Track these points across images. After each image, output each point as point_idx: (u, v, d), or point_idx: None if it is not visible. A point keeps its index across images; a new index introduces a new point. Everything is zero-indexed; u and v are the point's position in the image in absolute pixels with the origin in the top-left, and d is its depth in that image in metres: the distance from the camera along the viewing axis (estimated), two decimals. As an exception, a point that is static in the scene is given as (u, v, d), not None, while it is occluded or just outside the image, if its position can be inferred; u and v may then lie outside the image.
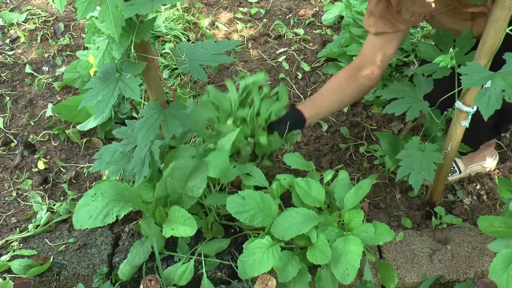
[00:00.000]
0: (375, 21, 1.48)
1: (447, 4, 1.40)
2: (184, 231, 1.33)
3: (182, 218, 1.35)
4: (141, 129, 1.25)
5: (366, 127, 2.01)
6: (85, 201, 1.34)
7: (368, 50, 1.57)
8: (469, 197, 1.77)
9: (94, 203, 1.33)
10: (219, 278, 1.49)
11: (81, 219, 1.31)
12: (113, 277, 1.52)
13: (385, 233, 1.39)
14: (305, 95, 2.17)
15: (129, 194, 1.38)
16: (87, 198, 1.34)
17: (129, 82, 1.17)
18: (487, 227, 1.28)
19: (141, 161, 1.36)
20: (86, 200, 1.34)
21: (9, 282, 1.42)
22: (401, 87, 1.52)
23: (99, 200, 1.33)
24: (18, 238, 1.63)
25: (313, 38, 2.47)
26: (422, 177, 1.40)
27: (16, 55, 2.40)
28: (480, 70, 1.10)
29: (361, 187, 1.42)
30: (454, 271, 1.49)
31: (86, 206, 1.33)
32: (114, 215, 1.31)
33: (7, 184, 1.86)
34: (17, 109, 2.15)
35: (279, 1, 2.72)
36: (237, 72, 2.29)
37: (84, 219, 1.31)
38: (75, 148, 1.98)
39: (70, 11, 2.66)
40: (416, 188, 1.40)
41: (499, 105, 1.05)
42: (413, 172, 1.41)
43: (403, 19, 1.46)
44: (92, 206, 1.32)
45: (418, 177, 1.40)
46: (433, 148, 1.42)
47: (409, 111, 1.44)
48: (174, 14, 2.40)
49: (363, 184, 1.43)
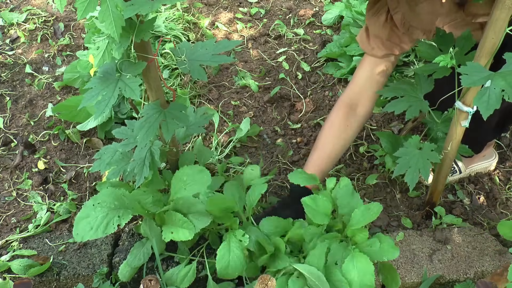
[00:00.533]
0: (381, 44, 1.43)
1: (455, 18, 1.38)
2: (183, 234, 1.33)
3: (179, 222, 1.35)
4: (141, 129, 1.25)
5: (366, 127, 2.00)
6: (84, 213, 1.33)
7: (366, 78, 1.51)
8: (469, 197, 1.77)
9: (93, 214, 1.32)
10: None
11: (82, 231, 1.30)
12: (113, 277, 1.52)
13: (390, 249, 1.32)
14: (305, 95, 2.17)
15: (128, 200, 1.37)
16: (86, 210, 1.33)
17: (129, 82, 1.17)
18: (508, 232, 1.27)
19: (141, 161, 1.36)
20: (85, 211, 1.33)
21: (9, 282, 1.42)
22: (401, 86, 1.52)
23: (98, 211, 1.32)
24: (18, 238, 1.63)
25: (313, 38, 2.47)
26: (418, 175, 1.40)
27: (16, 55, 2.40)
28: (480, 70, 1.10)
29: (370, 209, 1.34)
30: (454, 271, 1.49)
31: (86, 218, 1.32)
32: (115, 225, 1.31)
33: (7, 184, 1.86)
34: (17, 109, 2.15)
35: (279, 1, 2.72)
36: (237, 72, 2.29)
37: (85, 231, 1.30)
38: (75, 148, 1.98)
39: (70, 11, 2.66)
40: (411, 186, 1.40)
41: (498, 105, 1.05)
42: (409, 170, 1.41)
43: (412, 39, 1.42)
44: (91, 218, 1.31)
45: (413, 175, 1.40)
46: (431, 147, 1.42)
47: (409, 110, 1.44)
48: (174, 14, 2.40)
49: (372, 207, 1.34)
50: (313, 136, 2.00)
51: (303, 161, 1.90)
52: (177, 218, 1.35)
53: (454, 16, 1.38)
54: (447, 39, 1.46)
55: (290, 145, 1.97)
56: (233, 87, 2.22)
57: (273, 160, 1.92)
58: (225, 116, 2.09)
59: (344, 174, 1.82)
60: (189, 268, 1.43)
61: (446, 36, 1.47)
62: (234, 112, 2.11)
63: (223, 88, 2.23)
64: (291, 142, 1.99)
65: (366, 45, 1.48)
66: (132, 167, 1.38)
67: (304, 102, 2.14)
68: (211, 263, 1.49)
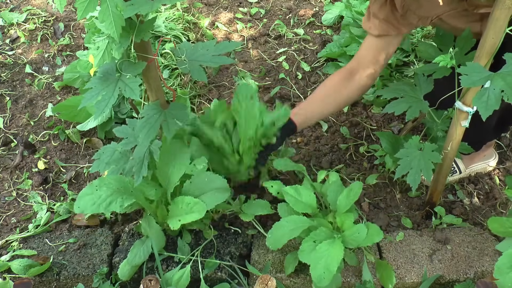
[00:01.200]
0: (378, 23, 1.47)
1: (456, 7, 1.39)
2: (191, 217, 1.34)
3: (188, 206, 1.35)
4: (142, 130, 1.25)
5: (366, 127, 2.00)
6: (88, 190, 1.34)
7: (366, 51, 1.56)
8: (469, 197, 1.77)
9: (97, 192, 1.33)
10: (219, 278, 1.49)
11: (83, 205, 1.31)
12: (113, 277, 1.52)
13: (374, 234, 1.39)
14: (305, 95, 2.17)
15: (133, 188, 1.38)
16: (91, 188, 1.35)
17: (129, 82, 1.17)
18: (497, 227, 1.29)
19: (140, 160, 1.36)
20: (90, 189, 1.34)
21: (9, 282, 1.42)
22: (401, 86, 1.52)
23: (103, 190, 1.34)
24: (18, 238, 1.63)
25: (313, 38, 2.47)
26: (420, 176, 1.40)
27: (16, 55, 2.40)
28: (479, 70, 1.10)
29: (352, 189, 1.42)
30: (454, 271, 1.49)
31: (90, 195, 1.33)
32: (118, 204, 1.31)
33: (7, 184, 1.86)
34: (17, 109, 2.15)
35: (279, 1, 2.72)
36: (237, 72, 2.29)
37: (87, 206, 1.31)
38: (75, 148, 1.98)
39: (70, 11, 2.66)
40: (414, 187, 1.40)
41: (498, 105, 1.05)
42: (411, 171, 1.41)
43: (408, 22, 1.45)
44: (95, 195, 1.33)
45: (416, 176, 1.40)
46: (432, 148, 1.42)
47: (409, 111, 1.44)
48: (174, 14, 2.40)
49: (353, 187, 1.43)
50: (313, 136, 2.00)
51: (303, 161, 1.90)
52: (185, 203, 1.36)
53: (455, 5, 1.37)
54: (447, 39, 1.46)
55: (290, 145, 1.97)
56: (233, 87, 2.22)
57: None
58: (225, 116, 2.09)
59: (344, 174, 1.82)
60: (183, 272, 1.43)
61: (446, 36, 1.47)
62: (234, 112, 2.11)
63: (223, 88, 2.23)
64: (291, 142, 1.99)
65: (366, 23, 1.52)
66: (131, 166, 1.38)
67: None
68: (210, 263, 1.49)
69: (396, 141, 1.68)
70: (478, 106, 1.06)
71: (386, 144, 1.68)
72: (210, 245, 1.55)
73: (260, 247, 1.56)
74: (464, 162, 1.79)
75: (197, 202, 1.35)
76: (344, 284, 1.47)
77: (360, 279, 1.46)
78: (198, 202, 1.35)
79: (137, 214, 1.69)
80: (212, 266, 1.48)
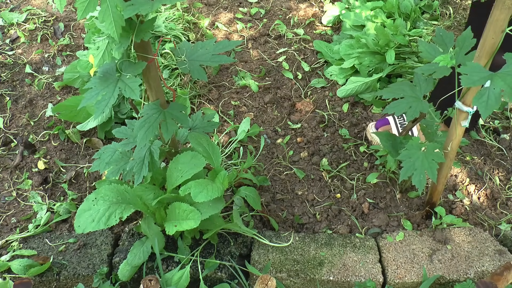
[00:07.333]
0: None
1: None
2: (187, 224, 1.33)
3: (184, 213, 1.35)
4: (141, 129, 1.25)
5: (366, 127, 2.00)
6: (86, 206, 1.33)
7: None
8: (469, 197, 1.77)
9: (95, 207, 1.32)
10: (219, 278, 1.49)
11: (83, 223, 1.30)
12: (113, 277, 1.52)
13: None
14: (305, 95, 2.17)
15: (130, 196, 1.38)
16: (87, 203, 1.33)
17: (129, 82, 1.17)
18: None
19: (140, 161, 1.36)
20: (87, 204, 1.33)
21: (9, 282, 1.42)
22: (401, 87, 1.52)
23: (100, 204, 1.32)
24: (18, 238, 1.63)
25: (313, 38, 2.47)
26: (425, 177, 1.40)
27: (16, 55, 2.40)
28: (479, 70, 1.10)
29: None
30: (454, 271, 1.49)
31: (88, 211, 1.32)
32: (117, 217, 1.31)
33: (7, 184, 1.86)
34: (17, 109, 2.15)
35: (279, 1, 2.72)
36: (237, 72, 2.29)
37: (87, 223, 1.30)
38: (75, 148, 1.98)
39: (70, 11, 2.66)
40: (420, 188, 1.39)
41: (498, 105, 1.05)
42: (415, 173, 1.40)
43: None
44: (93, 210, 1.32)
45: (421, 177, 1.40)
46: (434, 147, 1.42)
47: (409, 111, 1.44)
48: (174, 14, 2.40)
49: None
50: (313, 136, 2.00)
51: (303, 161, 1.90)
52: (181, 210, 1.35)
53: None
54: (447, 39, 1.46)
55: (290, 145, 1.97)
56: (233, 87, 2.22)
57: (273, 160, 1.92)
58: (225, 116, 2.09)
59: (344, 174, 1.82)
60: (182, 272, 1.43)
61: (446, 36, 1.47)
62: (234, 112, 2.11)
63: (223, 88, 2.23)
64: (291, 142, 1.99)
65: None
66: (131, 166, 1.38)
67: (304, 102, 2.14)
68: (210, 263, 1.49)
69: (396, 141, 1.68)
70: (478, 106, 1.06)
71: (386, 144, 1.68)
72: (210, 245, 1.55)
73: (260, 247, 1.56)
74: None
75: (193, 210, 1.35)
76: (344, 284, 1.47)
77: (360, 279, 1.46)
78: (193, 210, 1.34)
79: (137, 214, 1.69)
80: (212, 266, 1.49)
